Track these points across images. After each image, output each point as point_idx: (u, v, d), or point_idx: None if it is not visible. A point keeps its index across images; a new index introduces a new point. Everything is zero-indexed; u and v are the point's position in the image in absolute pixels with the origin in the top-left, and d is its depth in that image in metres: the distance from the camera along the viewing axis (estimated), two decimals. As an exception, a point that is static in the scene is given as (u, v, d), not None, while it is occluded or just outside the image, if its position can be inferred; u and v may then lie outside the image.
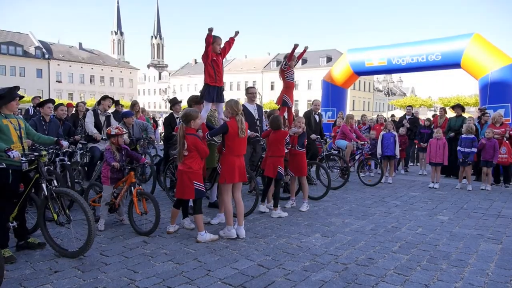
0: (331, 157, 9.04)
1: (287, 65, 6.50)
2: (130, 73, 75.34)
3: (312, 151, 8.37)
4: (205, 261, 4.01)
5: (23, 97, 4.41)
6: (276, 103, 6.92)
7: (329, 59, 63.48)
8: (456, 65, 11.99)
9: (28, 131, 4.30)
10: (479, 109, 11.18)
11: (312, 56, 63.58)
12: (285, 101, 6.60)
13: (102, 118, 6.89)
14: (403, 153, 10.97)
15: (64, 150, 5.35)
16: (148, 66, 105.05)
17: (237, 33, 5.61)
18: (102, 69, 70.16)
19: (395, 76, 29.17)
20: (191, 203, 5.38)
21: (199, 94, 5.76)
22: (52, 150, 4.24)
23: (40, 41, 64.26)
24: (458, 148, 8.63)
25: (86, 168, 6.81)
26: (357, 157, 10.03)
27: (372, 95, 73.97)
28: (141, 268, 3.82)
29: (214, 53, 5.36)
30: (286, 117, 6.72)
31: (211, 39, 5.21)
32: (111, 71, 71.51)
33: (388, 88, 29.08)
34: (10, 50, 58.19)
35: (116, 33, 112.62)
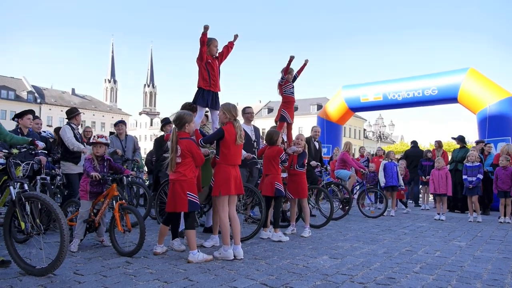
0: (331, 186, 8.52)
1: (284, 79, 6.17)
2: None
3: (311, 180, 7.87)
4: (198, 280, 3.38)
5: None
6: (274, 120, 6.50)
7: (319, 107, 64.56)
8: (453, 99, 11.91)
9: (0, 130, 3.81)
10: (476, 142, 10.93)
11: (303, 104, 64.77)
12: (283, 116, 6.20)
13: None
14: (406, 187, 10.50)
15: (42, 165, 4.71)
16: (140, 113, 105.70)
17: (236, 36, 5.24)
18: (93, 114, 70.18)
19: (386, 120, 29.33)
20: (182, 227, 4.79)
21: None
22: (25, 149, 3.69)
23: (33, 86, 64.71)
24: (464, 177, 8.22)
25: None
26: (356, 188, 9.54)
27: (363, 142, 74.59)
28: (121, 287, 3.18)
29: (210, 56, 4.99)
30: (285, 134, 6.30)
31: (205, 39, 4.81)
32: (103, 116, 71.57)
33: (379, 131, 29.11)
34: (2, 94, 58.48)
35: (109, 81, 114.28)
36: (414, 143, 12.13)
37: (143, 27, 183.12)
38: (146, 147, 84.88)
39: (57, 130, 7.16)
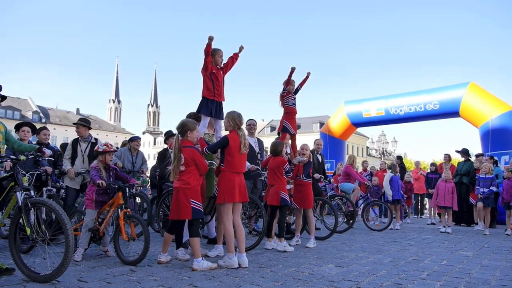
0: (336, 199, 8.49)
1: (285, 90, 6.25)
2: (126, 138, 75.77)
3: (315, 192, 7.83)
4: (203, 286, 3.36)
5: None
6: (277, 131, 6.55)
7: (321, 125, 64.69)
8: (455, 113, 11.96)
9: (8, 137, 3.87)
10: (476, 155, 10.91)
11: (305, 122, 65.00)
12: (285, 127, 6.25)
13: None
14: (410, 201, 10.44)
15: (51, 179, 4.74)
16: (144, 133, 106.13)
17: (241, 48, 5.30)
18: (97, 134, 70.38)
19: (389, 136, 29.31)
20: (186, 238, 4.77)
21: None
22: (32, 156, 3.71)
23: (39, 106, 65.46)
24: (477, 187, 8.18)
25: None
26: (360, 202, 9.48)
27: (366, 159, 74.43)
28: (126, 292, 3.16)
29: (215, 66, 5.05)
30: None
31: (210, 49, 4.86)
32: (107, 135, 71.89)
33: (382, 148, 29.01)
34: (8, 114, 58.99)
35: (114, 101, 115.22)
36: (400, 159, 12.26)
37: (147, 48, 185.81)
38: (149, 166, 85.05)
39: (63, 146, 7.28)
